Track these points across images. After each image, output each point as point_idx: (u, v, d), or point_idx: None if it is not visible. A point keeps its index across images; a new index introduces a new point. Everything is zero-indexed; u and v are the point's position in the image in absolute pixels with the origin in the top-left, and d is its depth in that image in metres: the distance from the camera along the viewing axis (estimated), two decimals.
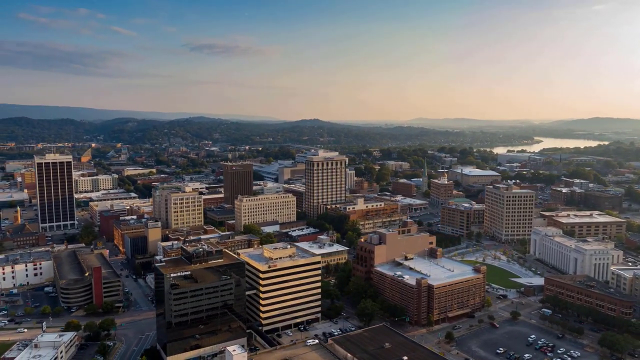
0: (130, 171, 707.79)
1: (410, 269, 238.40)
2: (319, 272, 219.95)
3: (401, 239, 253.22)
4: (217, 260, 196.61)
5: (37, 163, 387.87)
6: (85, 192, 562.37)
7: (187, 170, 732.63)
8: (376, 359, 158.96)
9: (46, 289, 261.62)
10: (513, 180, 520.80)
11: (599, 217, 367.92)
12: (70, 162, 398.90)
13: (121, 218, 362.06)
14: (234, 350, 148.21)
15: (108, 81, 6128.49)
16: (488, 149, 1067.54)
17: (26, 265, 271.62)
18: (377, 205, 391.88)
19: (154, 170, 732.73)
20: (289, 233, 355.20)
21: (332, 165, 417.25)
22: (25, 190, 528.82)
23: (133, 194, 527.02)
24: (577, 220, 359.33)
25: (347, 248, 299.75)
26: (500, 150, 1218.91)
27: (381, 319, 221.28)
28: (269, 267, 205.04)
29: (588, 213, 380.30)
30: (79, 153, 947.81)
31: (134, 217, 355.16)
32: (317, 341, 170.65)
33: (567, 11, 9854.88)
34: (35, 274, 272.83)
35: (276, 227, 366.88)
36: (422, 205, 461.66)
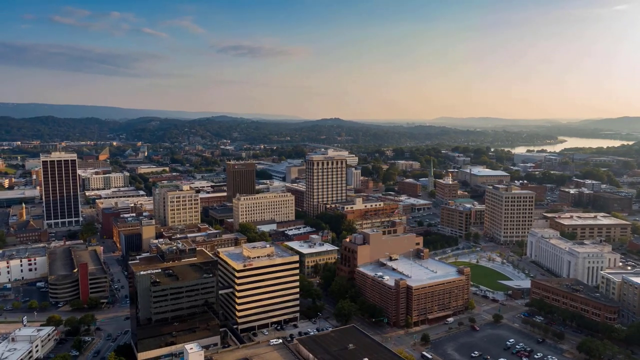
0: (144, 169, 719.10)
1: (393, 269, 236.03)
2: (297, 271, 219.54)
3: (386, 239, 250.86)
4: (190, 259, 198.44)
5: (43, 161, 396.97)
6: (97, 189, 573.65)
7: (200, 169, 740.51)
8: (336, 358, 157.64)
9: (38, 284, 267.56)
10: (521, 181, 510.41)
11: (603, 219, 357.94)
12: (75, 160, 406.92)
13: (121, 215, 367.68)
14: (190, 349, 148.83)
15: (136, 81, 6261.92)
16: (507, 149, 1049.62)
17: (21, 261, 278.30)
18: (376, 205, 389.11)
19: (167, 168, 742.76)
20: (286, 232, 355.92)
21: (332, 164, 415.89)
22: (38, 188, 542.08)
23: (142, 192, 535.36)
24: (580, 222, 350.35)
25: (337, 248, 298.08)
26: (520, 150, 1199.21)
27: (360, 319, 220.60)
28: (244, 266, 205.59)
29: (592, 215, 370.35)
30: (97, 151, 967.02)
31: (133, 214, 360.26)
32: (280, 341, 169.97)
33: (588, 11, 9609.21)
34: (30, 270, 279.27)
35: (273, 226, 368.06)
36: (425, 206, 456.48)
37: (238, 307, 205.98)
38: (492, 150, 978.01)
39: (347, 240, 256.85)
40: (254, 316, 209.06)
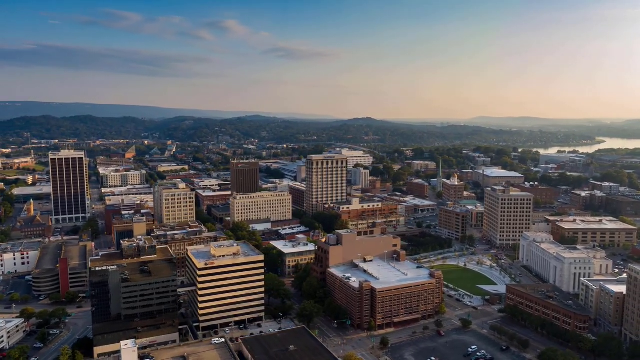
0: (163, 167, 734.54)
1: (364, 271, 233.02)
2: (262, 271, 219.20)
3: (360, 240, 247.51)
4: (149, 256, 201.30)
5: (52, 159, 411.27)
6: (115, 186, 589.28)
7: (219, 168, 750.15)
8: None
9: (27, 277, 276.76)
10: (531, 183, 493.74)
11: (608, 224, 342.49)
12: (83, 158, 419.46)
13: (122, 212, 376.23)
14: (125, 345, 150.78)
15: (177, 81, 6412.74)
16: (535, 150, 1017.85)
17: (14, 255, 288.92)
18: (374, 206, 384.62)
19: (186, 167, 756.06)
20: (279, 231, 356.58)
21: (332, 164, 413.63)
22: None
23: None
24: (582, 226, 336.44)
25: None
26: (551, 150, 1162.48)
27: (328, 321, 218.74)
28: (206, 264, 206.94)
29: (597, 219, 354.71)
30: (124, 150, 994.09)
31: (131, 211, 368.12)
32: (223, 340, 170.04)
33: (629, 11, 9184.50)
34: (23, 263, 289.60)
35: (268, 225, 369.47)
36: (430, 207, 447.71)
37: (200, 305, 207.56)
38: (520, 150, 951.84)
39: (322, 240, 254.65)
40: (217, 314, 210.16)
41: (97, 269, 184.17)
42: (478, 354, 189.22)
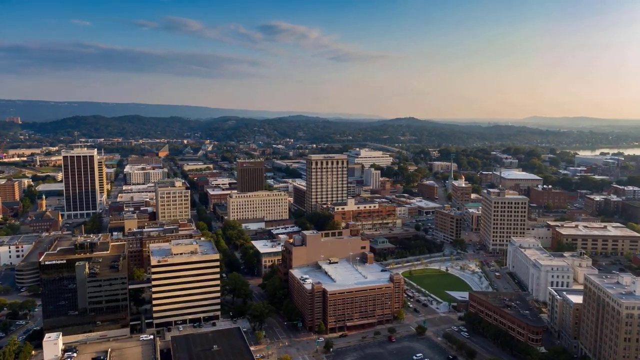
0: (189, 166, 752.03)
1: (325, 273, 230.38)
2: (217, 270, 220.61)
3: (325, 241, 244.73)
4: (101, 252, 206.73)
5: (64, 156, 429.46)
6: (137, 184, 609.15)
7: None
8: (191, 359, 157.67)
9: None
10: (544, 186, 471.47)
11: (612, 230, 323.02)
12: (94, 156, 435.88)
13: (125, 209, 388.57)
14: (49, 337, 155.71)
15: (230, 83, 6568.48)
16: (574, 151, 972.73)
17: (9, 248, 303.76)
18: (370, 207, 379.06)
19: (211, 166, 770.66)
20: (272, 231, 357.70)
21: (332, 164, 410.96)
22: None
23: None
24: (583, 232, 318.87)
25: None
26: (597, 152, 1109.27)
27: (283, 322, 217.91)
28: (159, 261, 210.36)
29: (602, 225, 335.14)
30: (158, 148, 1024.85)
31: (131, 208, 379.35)
32: (151, 337, 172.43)
33: None
34: (18, 256, 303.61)
35: (262, 225, 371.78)
36: (434, 209, 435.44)
37: (153, 302, 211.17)
38: (558, 152, 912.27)
39: (289, 241, 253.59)
40: (170, 311, 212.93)
41: (46, 262, 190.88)
42: None
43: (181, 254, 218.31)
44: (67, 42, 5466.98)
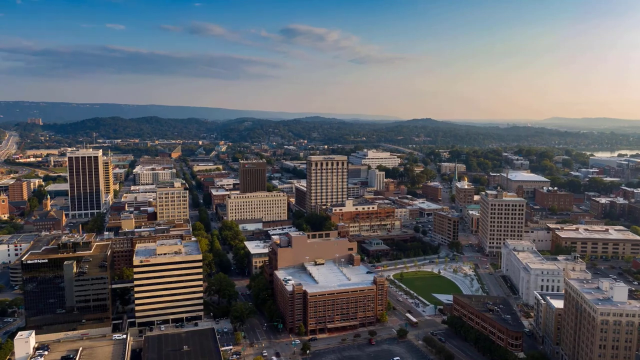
0: (199, 167, 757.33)
1: (309, 274, 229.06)
2: (200, 270, 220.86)
3: (311, 242, 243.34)
4: (84, 252, 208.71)
5: (69, 157, 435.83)
6: (145, 184, 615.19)
7: None
8: (159, 359, 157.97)
9: None
10: (549, 188, 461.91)
11: (614, 234, 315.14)
12: (98, 157, 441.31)
13: (127, 209, 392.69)
14: (21, 335, 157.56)
15: (250, 84, 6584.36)
16: (589, 153, 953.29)
17: (8, 246, 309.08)
18: (368, 208, 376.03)
19: (221, 167, 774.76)
20: (269, 232, 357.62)
21: (331, 165, 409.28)
22: None
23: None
24: (582, 235, 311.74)
25: None
26: (614, 154, 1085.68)
27: (263, 323, 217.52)
28: (141, 261, 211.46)
29: (604, 228, 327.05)
30: (171, 149, 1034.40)
31: (132, 209, 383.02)
32: (124, 336, 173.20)
33: None
34: (16, 254, 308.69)
35: (259, 225, 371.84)
36: (436, 211, 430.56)
37: (135, 301, 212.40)
38: (574, 153, 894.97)
39: (276, 242, 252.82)
40: (153, 311, 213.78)
41: (28, 262, 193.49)
42: None
43: (165, 254, 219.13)
44: (95, 46, 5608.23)
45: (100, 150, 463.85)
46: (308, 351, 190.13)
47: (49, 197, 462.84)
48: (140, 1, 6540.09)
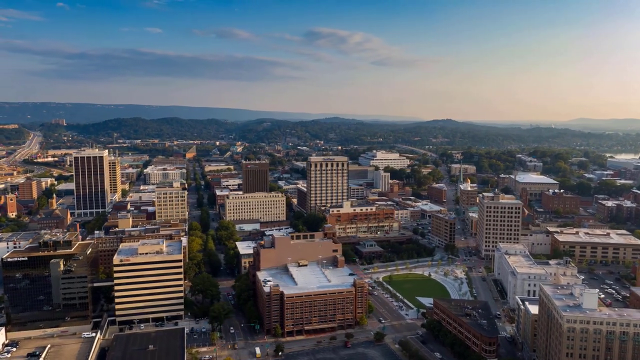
0: (210, 167, 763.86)
1: (290, 276, 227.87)
2: (180, 270, 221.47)
3: (295, 244, 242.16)
4: (65, 250, 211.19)
5: (75, 157, 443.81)
6: (155, 184, 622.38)
7: None
8: (122, 357, 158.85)
9: None
10: (554, 190, 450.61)
11: (615, 238, 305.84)
12: (103, 157, 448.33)
13: (129, 208, 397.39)
14: None
15: (272, 85, 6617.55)
16: (609, 155, 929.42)
17: (7, 244, 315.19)
18: (367, 210, 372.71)
19: (232, 167, 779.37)
20: (266, 232, 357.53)
21: (331, 166, 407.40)
22: None
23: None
24: (582, 239, 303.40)
25: None
26: (638, 156, 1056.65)
27: (242, 323, 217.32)
28: (121, 260, 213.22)
29: (606, 232, 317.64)
30: (186, 150, 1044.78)
31: (132, 208, 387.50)
32: (92, 335, 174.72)
33: None
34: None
35: (256, 226, 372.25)
36: (434, 212, 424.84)
37: (115, 300, 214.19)
38: (593, 155, 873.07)
39: (260, 243, 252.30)
40: (132, 310, 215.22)
41: (8, 260, 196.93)
42: None
43: (146, 253, 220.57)
44: (125, 49, 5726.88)
45: (106, 151, 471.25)
46: (280, 353, 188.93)
47: (54, 196, 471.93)
48: (177, 6, 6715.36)
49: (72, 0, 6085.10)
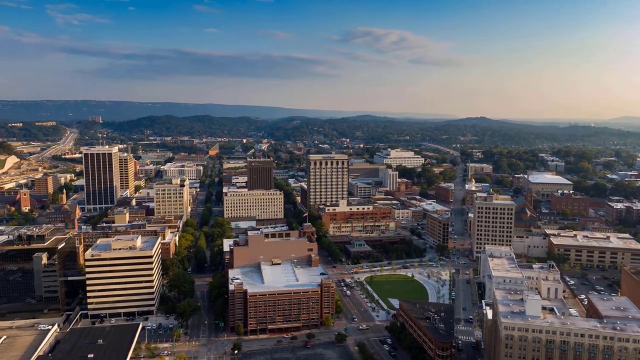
0: (228, 164, 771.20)
1: (261, 274, 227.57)
2: (151, 266, 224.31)
3: (269, 242, 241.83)
4: (38, 244, 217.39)
5: (84, 154, 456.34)
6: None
7: (279, 165, 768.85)
8: (69, 350, 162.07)
9: None
10: (564, 191, 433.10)
11: (614, 242, 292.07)
12: (112, 153, 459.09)
13: (133, 204, 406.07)
14: None
15: (309, 83, 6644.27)
16: (636, 153, 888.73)
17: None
18: (363, 209, 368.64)
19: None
20: (262, 229, 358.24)
21: (331, 165, 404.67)
22: None
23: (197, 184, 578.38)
24: (578, 242, 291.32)
25: None
26: None
27: (209, 321, 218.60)
28: (92, 255, 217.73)
29: (605, 235, 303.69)
30: (209, 147, 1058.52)
31: (136, 204, 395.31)
32: (50, 327, 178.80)
33: None
34: None
35: (253, 223, 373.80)
36: (430, 213, 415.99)
37: (87, 294, 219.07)
38: (624, 154, 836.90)
39: (237, 240, 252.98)
40: (104, 304, 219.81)
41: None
42: None
43: (120, 249, 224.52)
44: (168, 49, 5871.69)
45: (116, 147, 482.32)
46: (237, 351, 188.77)
47: (65, 191, 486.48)
48: (232, 9, 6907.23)
49: (140, 4, 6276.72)
